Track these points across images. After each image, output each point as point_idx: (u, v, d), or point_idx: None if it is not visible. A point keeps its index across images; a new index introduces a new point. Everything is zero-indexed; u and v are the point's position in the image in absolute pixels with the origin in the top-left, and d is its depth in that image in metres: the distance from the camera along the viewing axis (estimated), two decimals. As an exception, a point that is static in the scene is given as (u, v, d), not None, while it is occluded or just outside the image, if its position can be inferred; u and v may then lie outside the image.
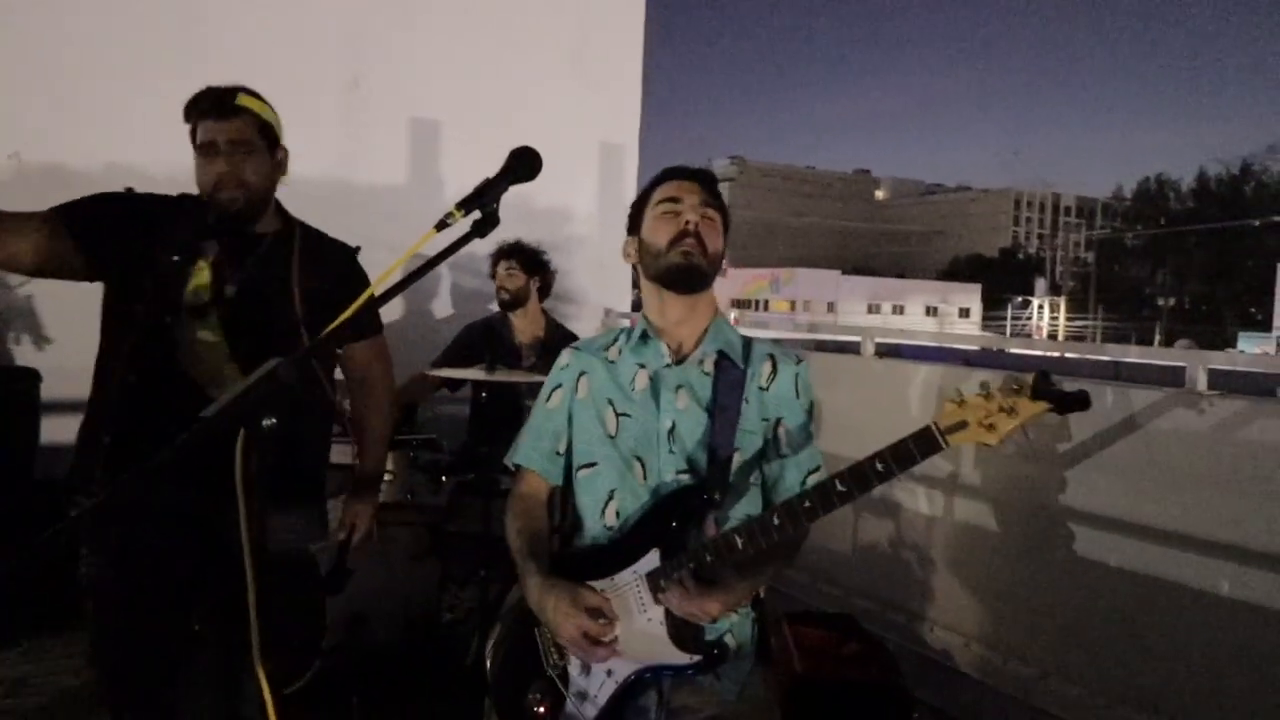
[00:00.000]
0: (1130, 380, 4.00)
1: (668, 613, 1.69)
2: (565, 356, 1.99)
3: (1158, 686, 2.90)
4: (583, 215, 5.70)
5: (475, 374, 3.28)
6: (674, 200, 1.84)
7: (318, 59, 4.86)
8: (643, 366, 1.87)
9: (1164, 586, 2.90)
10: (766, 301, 61.84)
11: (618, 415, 1.86)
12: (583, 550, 1.87)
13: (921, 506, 3.72)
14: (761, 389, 1.86)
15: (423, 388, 4.06)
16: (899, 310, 64.15)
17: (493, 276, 4.16)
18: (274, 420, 1.21)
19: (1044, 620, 3.27)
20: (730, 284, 57.00)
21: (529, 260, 4.13)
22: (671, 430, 1.81)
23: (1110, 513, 3.08)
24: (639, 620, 1.71)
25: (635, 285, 1.98)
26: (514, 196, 1.39)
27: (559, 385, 1.97)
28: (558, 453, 1.94)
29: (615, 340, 1.96)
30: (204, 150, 2.08)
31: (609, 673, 1.73)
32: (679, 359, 1.86)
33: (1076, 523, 3.17)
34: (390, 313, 5.07)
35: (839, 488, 1.56)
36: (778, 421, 1.86)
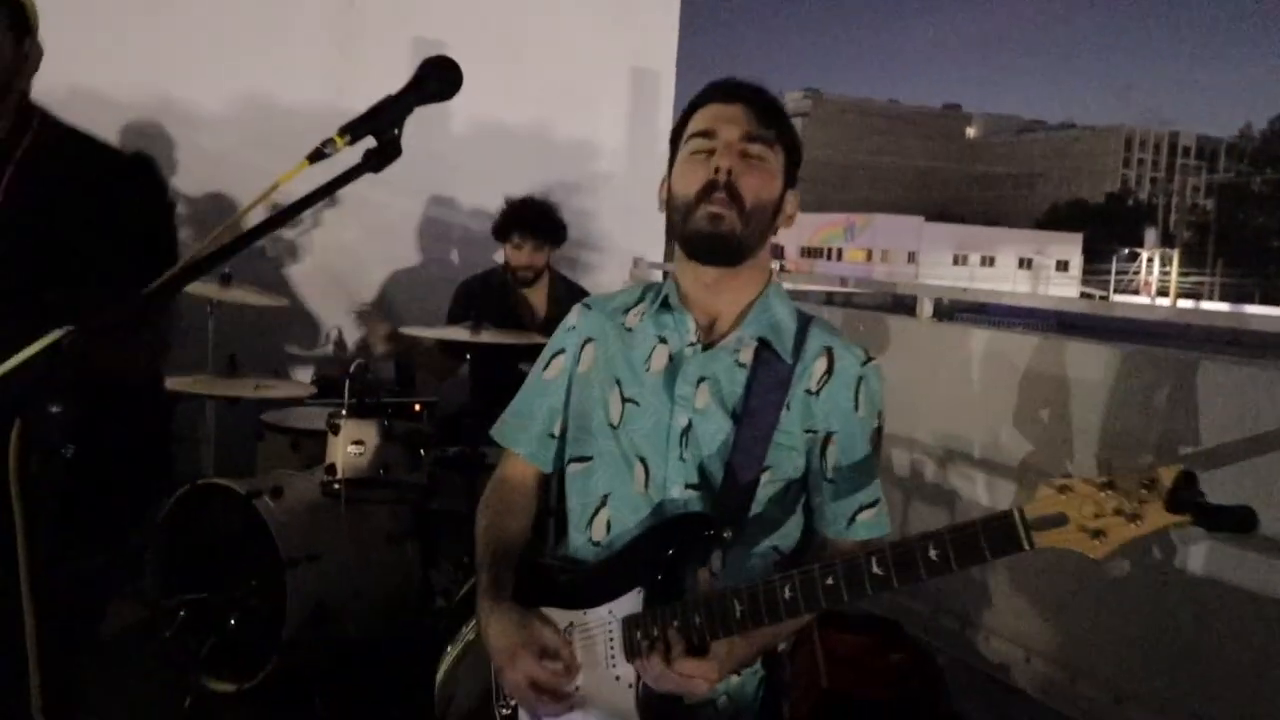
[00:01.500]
0: (1255, 347, 3.65)
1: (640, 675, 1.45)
2: (573, 316, 1.73)
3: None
4: (609, 151, 5.43)
5: (454, 333, 3.08)
6: (706, 135, 1.52)
7: (306, -30, 4.66)
8: (663, 341, 1.59)
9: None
10: (840, 250, 60.94)
11: (624, 400, 1.58)
12: (559, 566, 1.64)
13: (981, 495, 3.50)
14: (810, 392, 1.54)
15: (430, 356, 3.77)
16: (989, 262, 62.68)
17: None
18: (61, 407, 1.03)
19: (1122, 638, 3.02)
20: (800, 230, 55.90)
21: (547, 231, 3.67)
22: (686, 431, 1.53)
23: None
24: (605, 676, 1.47)
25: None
26: (530, 128, 1.18)
27: (560, 351, 1.71)
28: (551, 435, 1.70)
29: (639, 301, 1.67)
30: None
31: None
32: (709, 340, 1.57)
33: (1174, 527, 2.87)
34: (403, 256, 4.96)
35: (874, 570, 1.27)
36: (827, 437, 1.55)
